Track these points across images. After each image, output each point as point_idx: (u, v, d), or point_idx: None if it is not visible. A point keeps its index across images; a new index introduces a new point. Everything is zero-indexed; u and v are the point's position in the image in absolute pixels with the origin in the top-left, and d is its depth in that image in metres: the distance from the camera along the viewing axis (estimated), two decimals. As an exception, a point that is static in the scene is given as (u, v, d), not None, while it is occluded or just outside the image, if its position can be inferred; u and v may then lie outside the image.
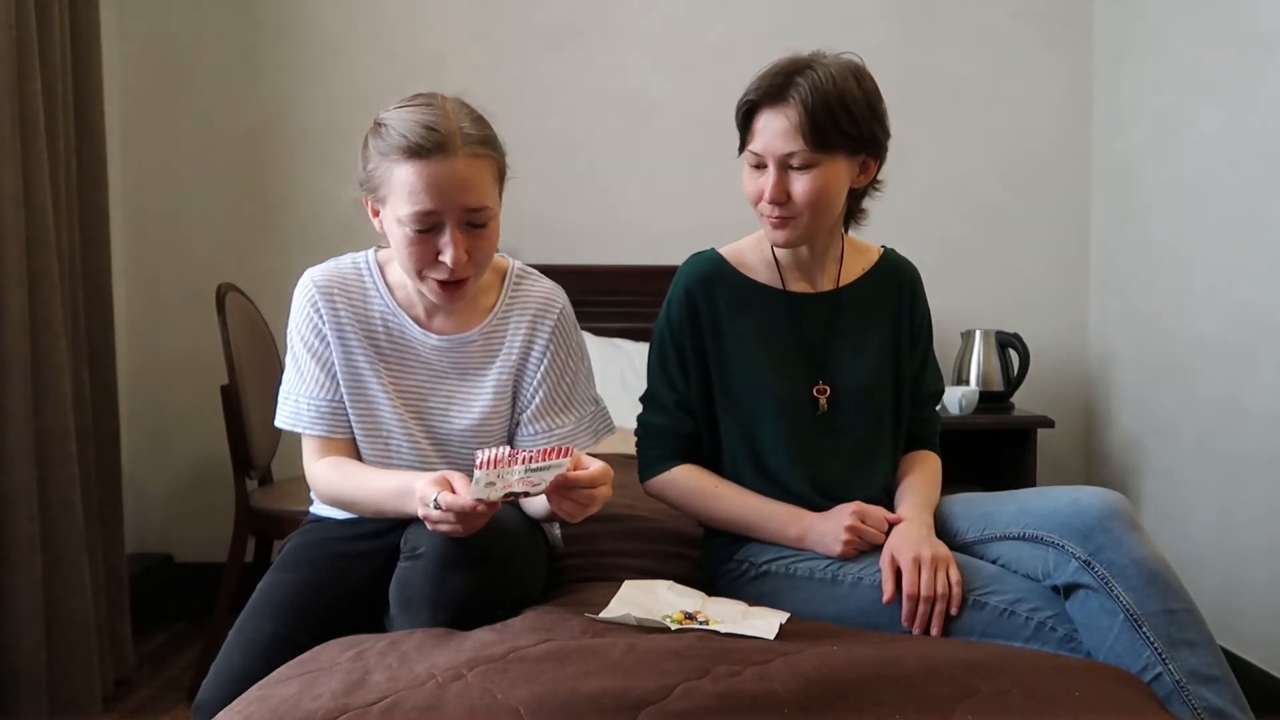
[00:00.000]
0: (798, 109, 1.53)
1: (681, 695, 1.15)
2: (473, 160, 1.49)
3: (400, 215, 1.49)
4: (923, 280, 1.80)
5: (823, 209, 1.59)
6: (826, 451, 1.65)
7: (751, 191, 1.61)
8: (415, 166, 1.47)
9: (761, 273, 1.69)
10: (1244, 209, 2.58)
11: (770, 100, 1.56)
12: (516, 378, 1.66)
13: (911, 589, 1.43)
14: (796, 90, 1.53)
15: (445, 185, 1.47)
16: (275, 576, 1.58)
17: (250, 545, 2.73)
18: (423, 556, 1.44)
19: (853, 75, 1.57)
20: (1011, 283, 3.39)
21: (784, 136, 1.54)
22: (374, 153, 1.52)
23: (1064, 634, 1.38)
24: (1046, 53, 3.37)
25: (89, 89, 2.67)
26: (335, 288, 1.62)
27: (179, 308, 3.31)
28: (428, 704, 1.14)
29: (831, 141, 1.54)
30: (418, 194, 1.47)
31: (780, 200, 1.57)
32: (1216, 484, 2.70)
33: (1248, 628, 2.55)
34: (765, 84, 1.56)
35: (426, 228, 1.49)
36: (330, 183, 3.31)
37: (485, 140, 1.53)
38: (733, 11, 3.34)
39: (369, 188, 1.55)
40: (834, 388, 1.66)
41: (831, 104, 1.52)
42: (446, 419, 1.64)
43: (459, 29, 3.33)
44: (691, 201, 3.35)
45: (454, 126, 1.49)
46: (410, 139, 1.47)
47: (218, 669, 1.47)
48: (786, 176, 1.56)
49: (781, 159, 1.55)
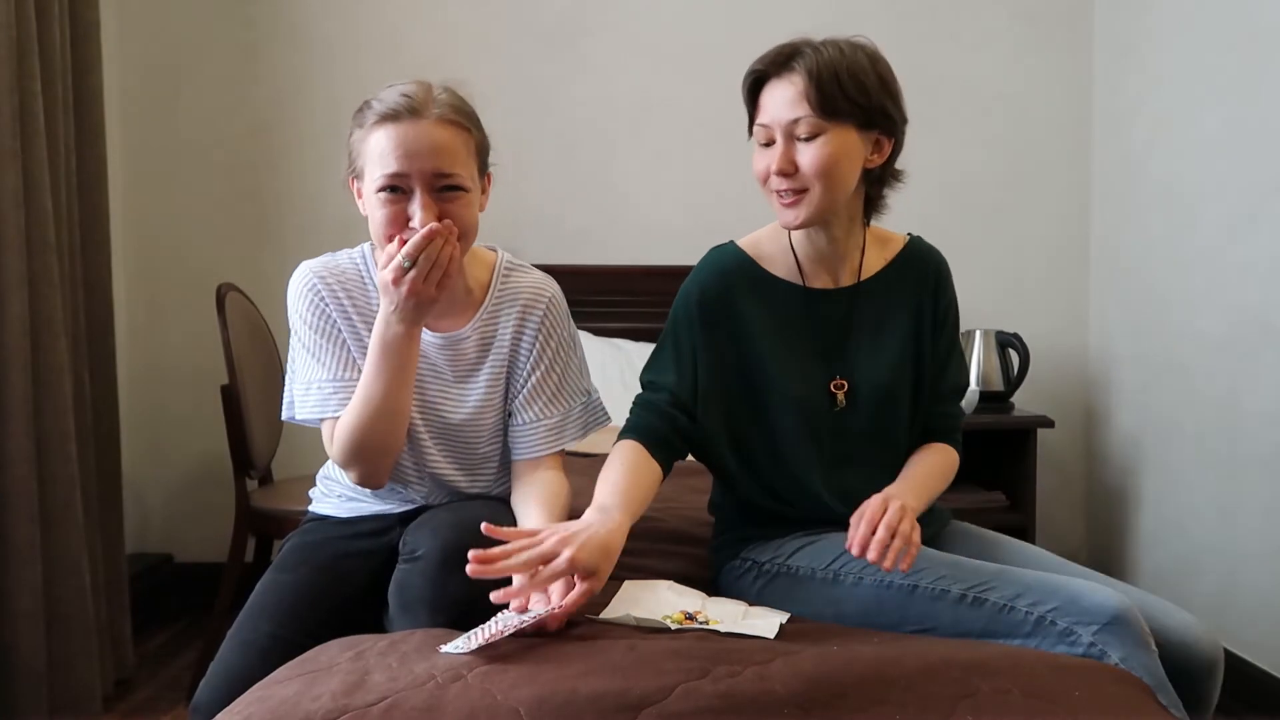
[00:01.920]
0: (803, 75, 1.51)
1: (681, 695, 1.15)
2: (444, 125, 1.49)
3: (372, 180, 1.49)
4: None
5: (833, 182, 1.53)
6: (843, 449, 1.63)
7: (760, 169, 1.57)
8: (386, 129, 1.47)
9: (780, 266, 1.65)
10: (1244, 209, 2.58)
11: (776, 70, 1.54)
12: (509, 369, 1.66)
13: (875, 517, 1.39)
14: (802, 58, 1.52)
15: (413, 146, 1.46)
16: (273, 577, 1.58)
17: (250, 545, 2.73)
18: (421, 559, 1.45)
19: (864, 52, 1.55)
20: (1011, 283, 3.40)
21: (790, 104, 1.51)
22: (355, 130, 1.53)
23: (1064, 628, 1.37)
24: (1046, 53, 3.37)
25: (89, 89, 2.67)
26: (333, 278, 1.61)
27: (179, 308, 3.31)
28: (427, 704, 1.14)
29: (838, 108, 1.50)
30: (386, 156, 1.47)
31: (787, 171, 1.52)
32: (1216, 484, 2.70)
33: (1248, 628, 2.55)
34: (771, 55, 1.55)
35: (395, 190, 1.47)
36: (330, 183, 3.31)
37: (460, 110, 1.52)
38: (733, 11, 3.34)
39: (352, 167, 1.55)
40: (852, 383, 1.63)
41: (839, 70, 1.50)
42: (440, 414, 1.64)
43: (459, 29, 3.33)
44: (692, 201, 3.36)
45: (429, 95, 1.50)
46: (383, 106, 1.49)
47: (215, 670, 1.46)
48: (793, 147, 1.53)
49: (787, 128, 1.52)
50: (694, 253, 1.73)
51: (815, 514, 1.62)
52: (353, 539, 1.63)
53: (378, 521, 1.66)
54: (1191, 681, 1.44)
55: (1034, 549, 1.66)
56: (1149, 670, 1.33)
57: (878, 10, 3.31)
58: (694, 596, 1.49)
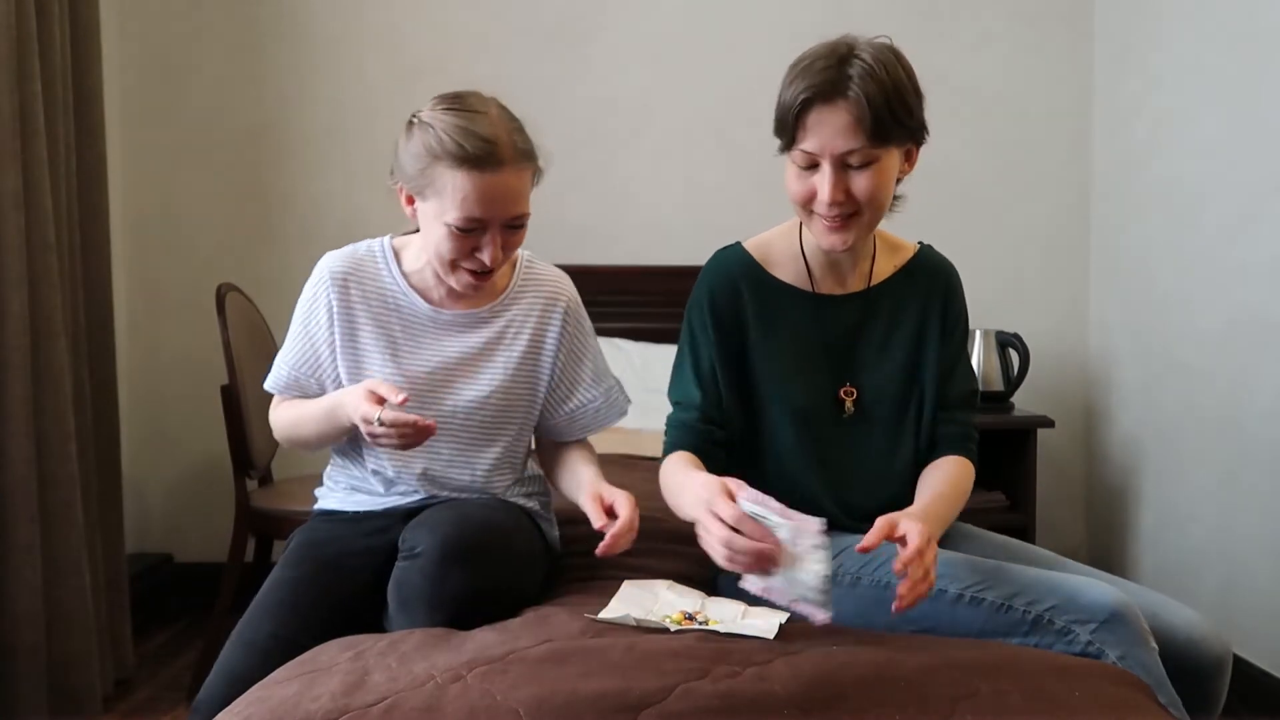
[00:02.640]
0: (858, 103, 1.43)
1: (681, 696, 1.15)
2: (520, 173, 1.55)
3: (447, 219, 1.53)
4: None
5: (881, 205, 1.52)
6: (850, 456, 1.61)
7: (800, 192, 1.51)
8: (469, 176, 1.51)
9: (788, 271, 1.63)
10: (1244, 209, 2.58)
11: (826, 95, 1.45)
12: (533, 362, 1.71)
13: (915, 561, 1.32)
14: (852, 83, 1.44)
15: (496, 196, 1.53)
16: (278, 574, 1.59)
17: (250, 545, 2.73)
18: (420, 556, 1.45)
19: (899, 62, 1.49)
20: (1011, 283, 3.39)
21: (844, 134, 1.45)
22: (422, 151, 1.54)
23: (1061, 626, 1.37)
24: (1046, 53, 3.37)
25: (89, 89, 2.67)
26: (350, 274, 1.67)
27: (179, 308, 3.31)
28: (427, 705, 1.14)
29: (891, 135, 1.46)
30: (469, 203, 1.52)
31: (840, 200, 1.48)
32: (1217, 483, 2.70)
33: (1248, 628, 2.55)
34: (818, 78, 1.45)
35: (470, 230, 1.54)
36: (330, 183, 3.32)
37: (530, 153, 1.58)
38: (733, 12, 3.34)
39: (411, 183, 1.57)
40: (860, 390, 1.62)
41: (889, 95, 1.44)
42: (452, 392, 1.66)
43: (459, 30, 3.33)
44: (692, 201, 3.36)
45: (505, 139, 1.53)
46: (466, 149, 1.51)
47: (217, 669, 1.47)
48: (845, 175, 1.47)
49: (839, 157, 1.46)
50: (695, 252, 1.73)
51: (819, 508, 1.61)
52: (357, 537, 1.64)
53: (383, 519, 1.66)
54: (1198, 680, 1.43)
55: (1035, 548, 1.65)
56: (1147, 668, 1.33)
57: (878, 10, 3.30)
58: (694, 596, 1.49)
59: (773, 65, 1.66)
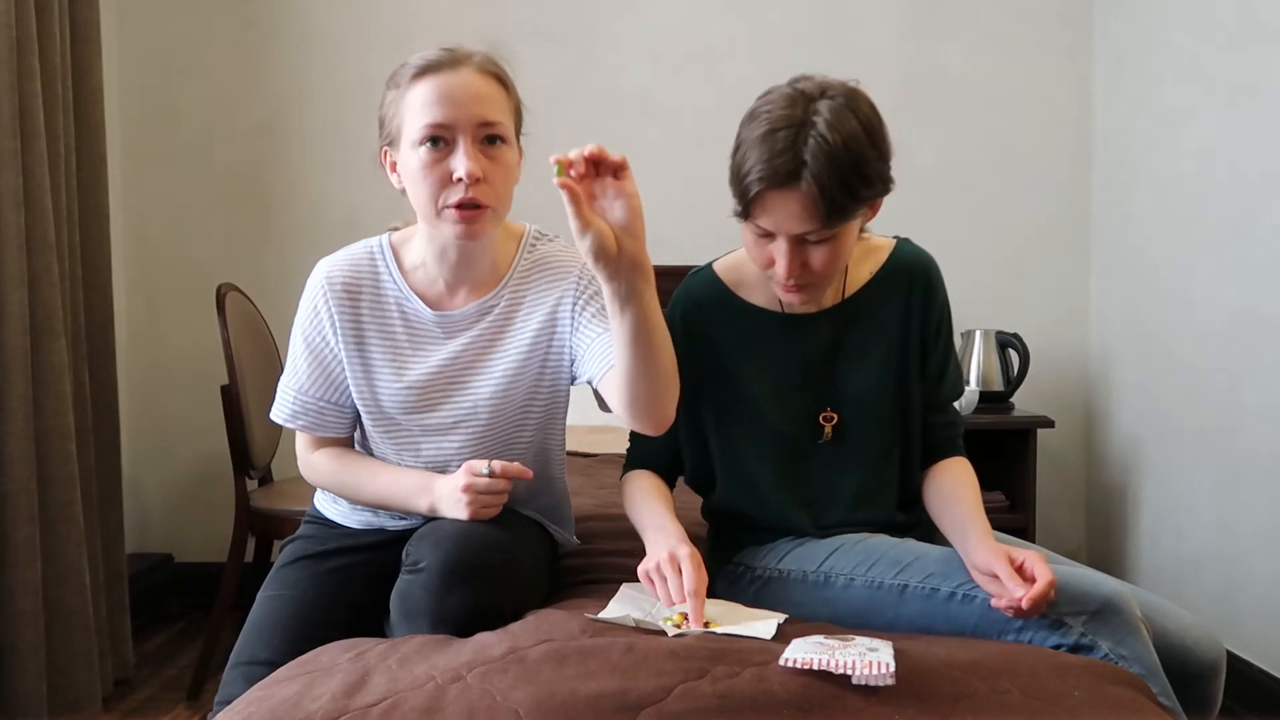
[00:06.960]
0: (810, 190, 1.37)
1: (680, 696, 1.15)
2: (485, 75, 1.49)
3: (413, 136, 1.46)
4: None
5: (840, 269, 1.51)
6: (827, 477, 1.60)
7: (759, 258, 1.48)
8: (426, 81, 1.46)
9: (760, 293, 1.60)
10: (1244, 209, 2.58)
11: (779, 183, 1.39)
12: (547, 341, 1.60)
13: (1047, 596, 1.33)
14: (805, 169, 1.37)
15: (457, 94, 1.45)
16: (273, 593, 1.56)
17: (250, 545, 2.73)
18: (424, 571, 1.42)
19: (855, 119, 1.40)
20: (1011, 282, 3.40)
21: (799, 218, 1.40)
22: (388, 94, 1.51)
23: (1054, 619, 1.37)
24: (1046, 53, 3.37)
25: (89, 89, 2.67)
26: (348, 278, 1.58)
27: (179, 308, 3.31)
28: (427, 705, 1.15)
29: (848, 213, 1.41)
30: (430, 105, 1.45)
31: (795, 274, 1.45)
32: (1217, 483, 2.70)
33: (1248, 628, 2.55)
34: (771, 165, 1.39)
35: (439, 140, 1.45)
36: (330, 183, 3.32)
37: (499, 69, 1.53)
38: (732, 11, 3.34)
39: (385, 134, 1.53)
40: (840, 413, 1.59)
41: (845, 175, 1.38)
42: (467, 388, 1.58)
43: (459, 29, 3.31)
44: (692, 202, 3.35)
45: (467, 50, 1.50)
46: (424, 60, 1.48)
47: (220, 699, 1.45)
48: (802, 250, 1.44)
49: (795, 236, 1.43)
50: (695, 253, 1.73)
51: (798, 531, 1.61)
52: (353, 551, 1.62)
53: (380, 534, 1.64)
54: (1194, 683, 1.43)
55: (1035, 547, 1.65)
56: (1139, 657, 1.33)
57: (878, 10, 3.30)
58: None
59: (773, 65, 1.66)
